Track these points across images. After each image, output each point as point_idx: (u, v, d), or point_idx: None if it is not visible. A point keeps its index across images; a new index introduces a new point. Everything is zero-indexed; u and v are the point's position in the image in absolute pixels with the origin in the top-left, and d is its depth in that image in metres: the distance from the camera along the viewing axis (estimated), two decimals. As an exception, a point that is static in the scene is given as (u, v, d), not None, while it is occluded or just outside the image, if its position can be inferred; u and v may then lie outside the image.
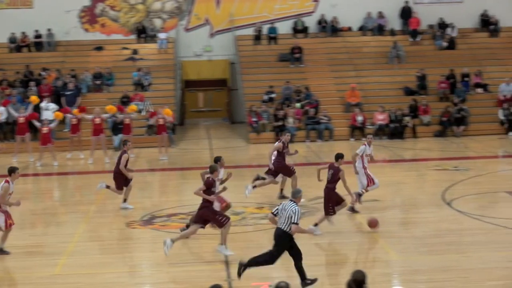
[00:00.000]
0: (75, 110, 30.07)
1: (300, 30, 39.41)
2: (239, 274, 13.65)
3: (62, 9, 38.83)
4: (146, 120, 32.68)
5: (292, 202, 13.43)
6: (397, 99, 34.84)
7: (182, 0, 39.52)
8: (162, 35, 38.74)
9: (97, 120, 28.57)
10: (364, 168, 19.67)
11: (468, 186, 21.08)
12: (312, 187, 21.37)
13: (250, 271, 14.59)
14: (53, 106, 32.28)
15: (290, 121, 32.55)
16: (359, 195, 19.19)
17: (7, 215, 15.79)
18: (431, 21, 39.47)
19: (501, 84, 34.84)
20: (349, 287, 9.94)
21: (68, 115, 30.15)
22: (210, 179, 15.54)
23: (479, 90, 35.60)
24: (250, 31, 39.16)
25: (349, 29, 39.75)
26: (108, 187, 20.31)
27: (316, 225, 17.16)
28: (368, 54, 38.14)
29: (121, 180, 20.08)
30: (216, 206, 16.17)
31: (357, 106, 33.71)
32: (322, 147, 31.13)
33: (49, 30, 38.37)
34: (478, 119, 33.57)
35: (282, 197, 20.49)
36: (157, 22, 39.56)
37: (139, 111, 32.87)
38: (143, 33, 39.08)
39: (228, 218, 15.48)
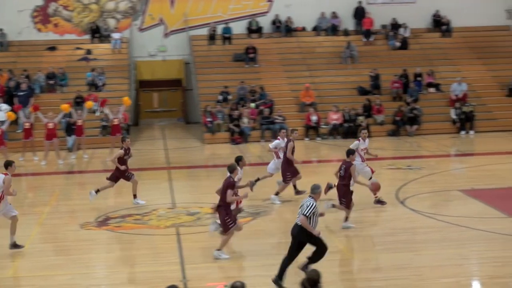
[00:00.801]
0: (30, 108, 29.83)
1: (254, 30, 39.47)
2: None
3: (14, 9, 38.42)
4: (100, 120, 32.48)
5: (309, 197, 13.60)
6: (351, 98, 35.06)
7: (136, 0, 39.35)
8: (116, 35, 38.52)
9: (50, 125, 28.22)
10: (362, 159, 19.92)
11: (421, 185, 21.31)
12: (267, 186, 21.42)
13: (205, 271, 14.63)
14: (5, 106, 31.94)
15: (245, 121, 32.60)
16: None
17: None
18: (384, 21, 39.80)
19: (453, 83, 35.22)
20: (303, 287, 10.00)
21: (21, 116, 29.79)
22: (231, 179, 15.42)
23: (432, 89, 35.97)
24: (204, 31, 39.10)
25: (303, 29, 39.91)
26: (97, 191, 20.47)
27: (347, 219, 17.62)
28: (322, 54, 38.33)
29: (116, 173, 20.45)
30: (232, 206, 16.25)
31: (311, 105, 33.86)
32: (277, 146, 31.18)
33: (1, 30, 37.94)
34: (430, 118, 33.92)
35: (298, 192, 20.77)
36: (111, 22, 39.33)
37: (93, 112, 32.69)
38: (97, 33, 38.83)
39: (234, 223, 15.32)
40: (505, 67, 37.17)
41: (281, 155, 20.86)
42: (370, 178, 19.64)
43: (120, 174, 20.56)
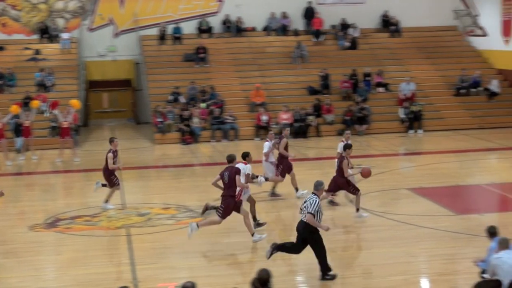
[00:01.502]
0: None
1: (204, 30, 39.43)
2: (268, 256, 14.04)
3: (-40, 8, 37.91)
4: (49, 121, 32.19)
5: (313, 195, 13.79)
6: (301, 98, 35.21)
7: (85, 0, 39.06)
8: (65, 35, 38.19)
9: (-2, 126, 27.89)
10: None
11: (371, 184, 21.47)
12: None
13: (156, 272, 14.61)
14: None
15: (196, 121, 32.56)
16: None
17: None
18: (333, 21, 40.04)
19: (401, 83, 35.57)
20: (253, 286, 10.05)
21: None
22: (236, 168, 16.37)
23: (381, 89, 36.29)
24: (154, 31, 38.95)
25: (253, 29, 39.98)
26: (104, 185, 20.21)
27: (358, 210, 18.27)
28: (272, 54, 38.44)
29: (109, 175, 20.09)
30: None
31: (261, 105, 33.94)
32: (227, 147, 31.20)
33: None
34: (379, 117, 34.22)
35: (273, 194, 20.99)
36: (60, 22, 38.95)
37: (42, 112, 32.38)
38: (45, 33, 38.46)
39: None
40: (452, 67, 37.65)
41: (271, 157, 20.90)
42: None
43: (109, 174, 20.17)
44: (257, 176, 19.05)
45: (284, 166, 20.93)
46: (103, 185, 20.21)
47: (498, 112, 34.93)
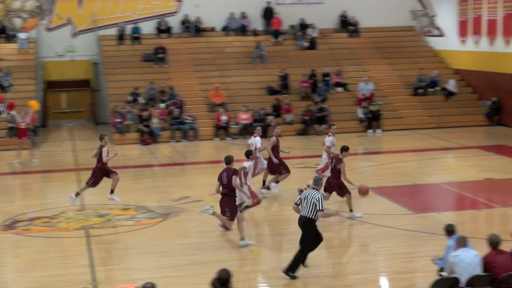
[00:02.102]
0: None
1: (163, 30, 39.31)
2: (293, 277, 13.97)
3: None
4: (6, 122, 31.86)
5: (314, 190, 13.87)
6: (260, 98, 35.25)
7: (43, 0, 38.73)
8: (22, 35, 37.81)
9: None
10: (329, 157, 20.24)
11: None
12: (177, 187, 21.44)
13: (115, 273, 14.57)
14: None
15: (155, 122, 32.44)
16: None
17: None
18: (292, 21, 40.16)
19: (360, 83, 35.80)
20: (213, 286, 10.06)
21: None
22: (233, 168, 16.51)
23: (339, 89, 36.47)
24: (113, 31, 38.74)
25: (213, 29, 39.95)
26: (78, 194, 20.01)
27: (351, 211, 18.29)
28: (232, 54, 38.44)
29: (101, 177, 19.91)
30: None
31: (221, 105, 33.93)
32: (187, 147, 31.19)
33: None
34: (338, 117, 34.34)
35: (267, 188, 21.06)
36: (17, 22, 38.58)
37: (-1, 113, 32.13)
38: (2, 33, 38.04)
39: (232, 217, 16.31)
40: (410, 67, 37.96)
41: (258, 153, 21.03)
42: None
43: (103, 173, 20.07)
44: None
45: (282, 165, 21.22)
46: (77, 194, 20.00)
47: (455, 112, 35.30)
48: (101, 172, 19.93)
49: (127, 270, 14.89)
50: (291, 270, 13.95)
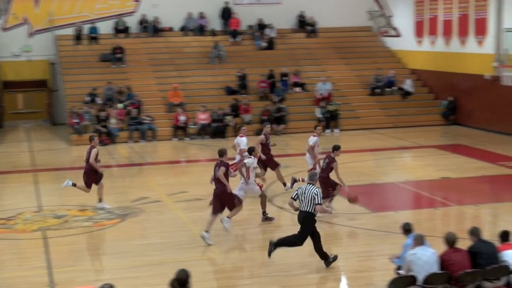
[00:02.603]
0: None
1: (121, 30, 39.11)
2: (269, 254, 14.40)
3: None
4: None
5: (311, 185, 14.24)
6: (218, 98, 35.24)
7: (-2, -1, 38.33)
8: (-23, 35, 37.45)
9: None
10: (315, 157, 20.50)
11: (288, 182, 21.63)
12: (135, 187, 21.35)
13: (73, 275, 14.48)
14: None
15: (113, 122, 32.27)
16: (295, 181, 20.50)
17: None
18: (250, 21, 40.21)
19: (318, 83, 35.95)
20: (172, 287, 10.05)
21: None
22: (225, 162, 16.89)
23: (297, 89, 36.59)
24: (70, 31, 38.43)
25: (171, 29, 39.84)
26: (74, 185, 19.77)
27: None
28: (190, 54, 38.37)
29: (93, 177, 19.71)
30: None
31: (179, 106, 33.83)
32: (145, 147, 31.07)
33: None
34: (297, 117, 34.48)
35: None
36: (-28, 21, 38.17)
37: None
38: (-43, 32, 37.65)
39: (239, 201, 16.85)
40: (367, 67, 38.21)
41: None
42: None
43: (96, 176, 19.89)
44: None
45: (269, 164, 21.49)
46: (73, 185, 19.85)
47: (411, 111, 35.61)
48: (92, 173, 19.79)
49: (85, 271, 14.80)
50: (277, 245, 14.44)
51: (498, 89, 31.61)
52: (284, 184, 21.38)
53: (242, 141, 21.00)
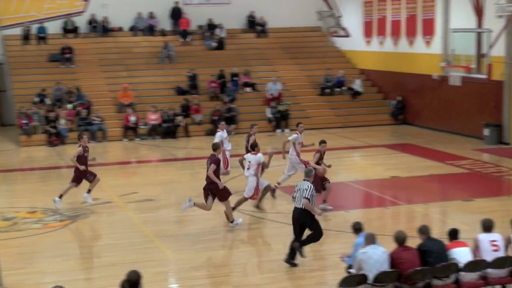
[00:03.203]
0: None
1: (70, 30, 38.78)
2: (301, 255, 14.59)
3: None
4: None
5: (305, 181, 14.45)
6: (169, 98, 35.14)
7: None
8: None
9: None
10: (298, 154, 20.75)
11: (241, 183, 21.64)
12: (83, 189, 21.14)
13: (23, 277, 14.36)
14: None
15: (62, 123, 32.00)
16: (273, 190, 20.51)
17: None
18: (200, 21, 40.17)
19: (268, 83, 36.06)
20: (123, 288, 10.02)
21: None
22: (216, 156, 17.28)
23: (248, 89, 36.66)
24: (18, 31, 38.00)
25: (120, 29, 39.65)
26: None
27: (324, 202, 19.02)
28: (140, 54, 38.21)
29: (82, 174, 19.86)
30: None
31: (129, 106, 33.68)
32: (95, 148, 30.77)
33: None
34: (247, 117, 34.50)
35: None
36: None
37: None
38: None
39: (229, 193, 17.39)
40: (317, 67, 38.44)
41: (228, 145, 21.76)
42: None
43: (80, 174, 19.86)
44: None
45: None
46: (60, 197, 19.76)
47: (361, 111, 35.91)
48: (78, 172, 19.92)
49: (35, 274, 14.67)
50: (303, 243, 14.62)
51: (445, 89, 32.04)
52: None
53: (217, 136, 21.84)
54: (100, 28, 38.93)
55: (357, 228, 12.72)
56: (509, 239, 12.24)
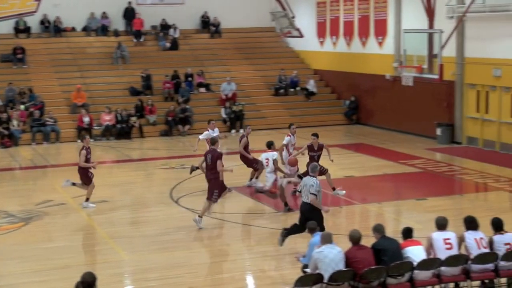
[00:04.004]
0: None
1: (22, 30, 38.40)
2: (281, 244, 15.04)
3: None
4: None
5: (311, 177, 14.80)
6: (123, 99, 34.97)
7: None
8: None
9: None
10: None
11: (195, 184, 21.67)
12: (39, 190, 21.06)
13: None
14: None
15: (15, 124, 31.66)
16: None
17: None
18: (154, 22, 40.04)
19: (222, 83, 36.08)
20: (78, 290, 9.97)
21: None
22: (219, 151, 17.93)
23: (202, 89, 36.63)
24: (-32, 31, 37.62)
25: (73, 29, 39.36)
26: (74, 184, 19.92)
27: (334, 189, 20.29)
28: (93, 55, 37.97)
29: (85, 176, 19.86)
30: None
31: (83, 107, 33.45)
32: (48, 149, 30.58)
33: None
34: (202, 117, 34.35)
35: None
36: None
37: None
38: None
39: (217, 198, 17.68)
40: (271, 67, 38.56)
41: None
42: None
43: (87, 175, 19.95)
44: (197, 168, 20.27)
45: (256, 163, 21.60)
46: (73, 184, 20.01)
47: (315, 111, 36.09)
48: (83, 170, 19.93)
49: (-11, 276, 14.52)
50: (285, 232, 15.03)
51: (398, 89, 32.34)
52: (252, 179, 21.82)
53: (204, 134, 22.24)
54: (52, 28, 38.61)
55: (312, 228, 12.80)
56: (462, 237, 12.40)
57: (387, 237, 12.22)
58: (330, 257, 11.54)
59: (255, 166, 21.38)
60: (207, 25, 41.00)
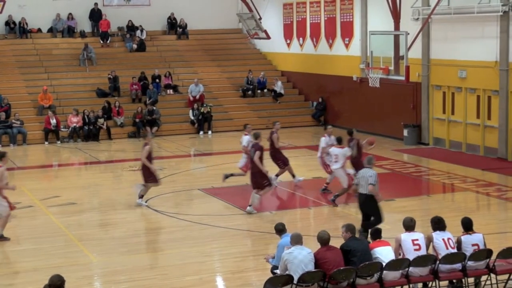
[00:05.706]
0: None
1: (-13, 31, 38.16)
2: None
3: None
4: None
5: (368, 169, 15.68)
6: (90, 101, 34.83)
7: None
8: None
9: None
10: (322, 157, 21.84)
11: (163, 185, 21.63)
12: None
13: None
14: None
15: (-20, 126, 31.43)
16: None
17: (8, 200, 16.83)
18: (121, 23, 39.92)
19: (190, 85, 36.05)
20: (46, 293, 9.94)
21: None
22: (260, 144, 19.08)
23: (170, 91, 36.60)
24: None
25: (39, 30, 39.12)
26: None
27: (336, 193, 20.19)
28: (59, 56, 37.76)
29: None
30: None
31: (50, 109, 33.26)
32: (15, 151, 30.33)
33: None
34: (170, 119, 34.48)
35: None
36: None
37: None
38: None
39: (270, 185, 19.14)
40: (238, 69, 38.64)
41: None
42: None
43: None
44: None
45: (281, 161, 22.61)
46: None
47: (283, 113, 36.17)
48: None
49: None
50: (366, 231, 15.33)
51: (365, 90, 32.51)
52: (293, 176, 22.70)
53: (244, 139, 22.05)
54: (18, 29, 38.33)
55: (280, 229, 12.84)
56: (430, 237, 12.52)
57: (356, 237, 12.32)
58: (300, 258, 11.61)
59: (280, 164, 22.41)
60: (174, 26, 40.96)
